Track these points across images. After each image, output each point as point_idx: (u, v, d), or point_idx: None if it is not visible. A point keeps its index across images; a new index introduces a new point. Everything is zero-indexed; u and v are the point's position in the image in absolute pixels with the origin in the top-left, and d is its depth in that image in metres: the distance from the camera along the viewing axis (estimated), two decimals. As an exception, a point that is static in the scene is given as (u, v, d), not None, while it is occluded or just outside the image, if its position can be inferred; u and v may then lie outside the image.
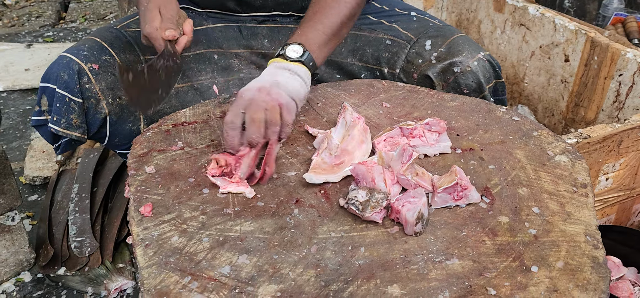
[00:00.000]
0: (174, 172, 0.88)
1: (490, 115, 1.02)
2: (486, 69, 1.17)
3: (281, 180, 0.86)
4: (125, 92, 0.97)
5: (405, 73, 1.22)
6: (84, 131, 1.09)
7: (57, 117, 1.08)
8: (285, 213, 0.79)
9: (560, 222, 0.76)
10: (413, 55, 1.21)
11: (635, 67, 1.57)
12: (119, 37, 1.16)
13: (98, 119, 1.10)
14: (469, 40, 1.19)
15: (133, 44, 1.16)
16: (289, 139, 0.96)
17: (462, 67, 1.15)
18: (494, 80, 1.19)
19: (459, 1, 2.32)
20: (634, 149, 1.30)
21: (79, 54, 1.08)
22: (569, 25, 1.79)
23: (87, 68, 1.07)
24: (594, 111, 1.75)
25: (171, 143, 0.95)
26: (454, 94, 1.12)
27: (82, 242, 1.48)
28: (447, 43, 1.18)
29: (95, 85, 1.08)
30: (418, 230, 0.74)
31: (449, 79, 1.16)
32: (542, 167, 0.87)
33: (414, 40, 1.22)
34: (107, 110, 1.10)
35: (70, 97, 1.06)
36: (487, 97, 1.18)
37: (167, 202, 0.81)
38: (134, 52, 1.14)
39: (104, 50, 1.11)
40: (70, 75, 1.07)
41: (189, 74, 1.20)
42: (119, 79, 0.96)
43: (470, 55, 1.16)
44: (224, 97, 1.09)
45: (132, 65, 1.11)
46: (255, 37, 1.27)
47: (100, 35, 1.15)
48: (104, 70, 1.09)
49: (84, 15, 3.47)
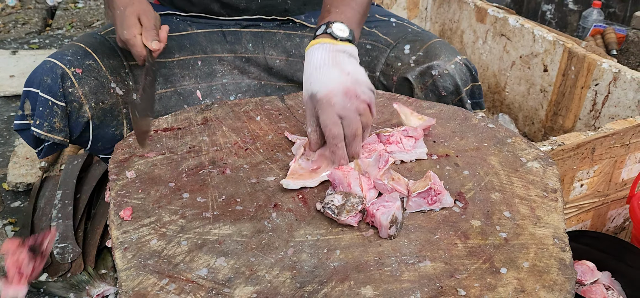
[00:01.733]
0: (154, 177, 0.89)
1: (466, 122, 1.05)
2: (463, 72, 1.20)
3: (260, 185, 0.87)
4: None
5: (384, 76, 1.25)
6: (67, 135, 1.10)
7: (40, 121, 1.08)
8: (264, 217, 0.80)
9: (530, 225, 0.79)
10: (392, 59, 1.24)
11: (610, 77, 1.61)
12: (103, 43, 1.17)
13: (80, 123, 1.11)
14: (446, 45, 1.22)
15: (116, 50, 1.17)
16: (268, 145, 0.98)
17: (439, 70, 1.18)
18: (470, 83, 1.22)
19: (443, 11, 2.36)
20: (608, 156, 1.33)
21: (62, 59, 1.10)
22: (548, 36, 1.83)
23: (71, 72, 1.08)
24: (572, 120, 1.79)
25: (152, 148, 0.96)
26: (432, 101, 1.15)
27: (65, 248, 1.48)
28: (425, 47, 1.21)
29: (78, 89, 1.09)
30: (392, 233, 0.76)
31: (427, 81, 1.19)
32: (514, 173, 0.90)
33: (393, 44, 1.25)
34: (90, 114, 1.11)
35: (53, 101, 1.07)
36: (464, 99, 1.21)
37: (147, 206, 0.82)
38: (117, 58, 1.16)
39: (88, 55, 1.12)
40: (53, 79, 1.08)
41: (173, 79, 1.21)
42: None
43: (447, 59, 1.19)
44: (206, 103, 1.11)
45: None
46: (239, 41, 1.29)
47: (84, 40, 1.16)
48: (87, 75, 1.10)
49: (71, 22, 3.47)
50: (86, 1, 3.86)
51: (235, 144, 0.98)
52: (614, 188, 1.42)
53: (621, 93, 1.59)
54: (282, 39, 1.30)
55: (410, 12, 2.38)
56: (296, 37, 1.30)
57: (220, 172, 0.90)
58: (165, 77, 1.20)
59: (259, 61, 1.30)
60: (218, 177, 0.89)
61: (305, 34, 1.30)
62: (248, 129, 1.03)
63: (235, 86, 1.28)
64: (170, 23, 1.27)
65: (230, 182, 0.88)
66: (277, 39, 1.30)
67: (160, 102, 1.20)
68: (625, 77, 1.57)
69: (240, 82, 1.29)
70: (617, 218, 1.51)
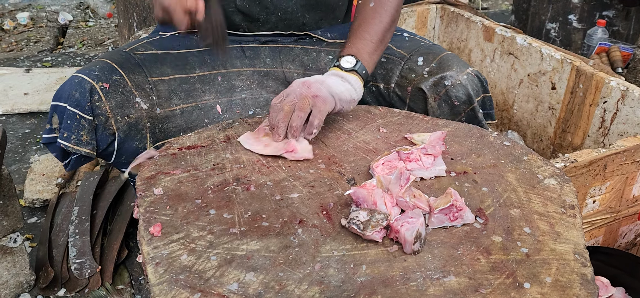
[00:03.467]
0: (181, 194, 0.91)
1: (482, 140, 1.07)
2: (475, 83, 1.24)
3: (284, 201, 0.90)
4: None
5: (399, 87, 1.29)
6: (94, 147, 1.13)
7: (67, 134, 1.11)
8: (289, 233, 0.83)
9: (550, 241, 0.81)
10: (406, 71, 1.28)
11: (618, 95, 1.64)
12: (128, 59, 1.21)
13: (106, 136, 1.14)
14: (457, 57, 1.26)
15: (141, 65, 1.21)
16: (290, 162, 1.00)
17: (452, 80, 1.21)
18: (482, 94, 1.26)
19: (450, 30, 2.40)
20: (619, 172, 1.35)
21: (90, 74, 1.13)
22: (555, 55, 1.86)
23: (98, 87, 1.12)
24: (581, 137, 1.81)
25: (177, 166, 0.99)
26: (445, 110, 1.18)
27: (82, 264, 1.50)
28: (438, 59, 1.26)
29: (105, 103, 1.12)
30: (416, 248, 0.78)
31: (440, 91, 1.23)
32: (532, 190, 0.92)
33: (406, 57, 1.30)
34: (115, 127, 1.14)
35: (81, 115, 1.10)
36: (476, 108, 1.25)
37: (176, 222, 0.85)
38: (141, 74, 1.19)
39: (114, 71, 1.16)
40: (82, 93, 1.11)
41: (194, 94, 1.25)
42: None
43: (459, 70, 1.23)
44: (227, 122, 1.13)
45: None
46: (257, 56, 1.33)
47: (110, 57, 1.20)
48: (114, 90, 1.13)
49: (82, 40, 3.52)
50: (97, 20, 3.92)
51: (257, 162, 1.01)
52: (625, 204, 1.44)
53: (629, 110, 1.62)
54: (299, 54, 1.34)
55: (418, 31, 2.42)
56: (313, 52, 1.33)
57: (245, 189, 0.93)
58: (186, 92, 1.23)
59: (277, 75, 1.33)
60: (243, 193, 0.92)
61: (322, 49, 1.34)
62: (269, 147, 1.05)
63: (253, 101, 1.31)
64: (191, 40, 1.30)
65: (255, 199, 0.90)
66: (294, 53, 1.34)
67: (182, 116, 1.23)
68: (633, 95, 1.60)
69: (258, 97, 1.32)
70: (629, 234, 1.53)
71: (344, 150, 1.04)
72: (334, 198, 0.90)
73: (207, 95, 1.26)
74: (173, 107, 1.21)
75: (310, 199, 0.90)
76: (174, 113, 1.20)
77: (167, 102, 1.20)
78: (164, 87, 1.21)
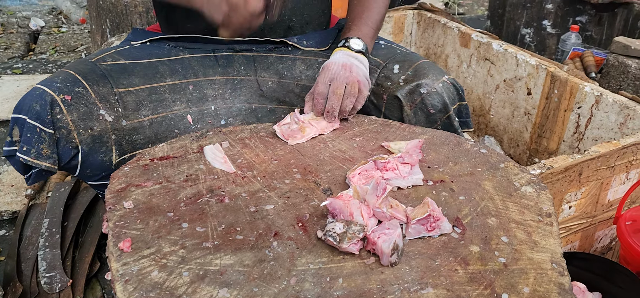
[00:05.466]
0: (152, 207, 0.88)
1: (459, 147, 1.07)
2: (450, 91, 1.23)
3: (259, 213, 0.88)
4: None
5: (375, 95, 1.28)
6: (54, 161, 1.09)
7: (27, 147, 1.08)
8: (264, 246, 0.80)
9: (528, 250, 0.80)
10: (382, 79, 1.28)
11: (593, 100, 1.66)
12: (94, 70, 1.17)
13: (69, 150, 1.10)
14: (433, 65, 1.26)
15: (107, 76, 1.17)
16: (265, 173, 0.98)
17: (428, 88, 1.21)
18: (457, 102, 1.26)
19: (427, 36, 2.40)
20: (594, 178, 1.36)
21: (52, 85, 1.09)
22: (531, 60, 1.88)
23: (60, 99, 1.08)
24: (556, 142, 1.83)
25: (149, 178, 0.96)
26: (421, 118, 1.18)
27: (53, 278, 1.45)
28: (414, 67, 1.25)
29: (66, 116, 1.08)
30: (394, 260, 0.77)
31: (416, 99, 1.22)
32: (509, 198, 0.92)
33: (382, 65, 1.29)
34: (78, 140, 1.11)
35: (41, 128, 1.07)
36: (452, 117, 1.24)
37: (146, 236, 0.82)
38: (107, 85, 1.16)
39: (77, 82, 1.12)
40: (42, 106, 1.07)
41: (164, 104, 1.21)
42: None
43: (435, 77, 1.22)
44: (201, 131, 1.11)
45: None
46: (231, 65, 1.30)
47: (74, 67, 1.16)
48: (76, 102, 1.10)
49: (54, 47, 3.44)
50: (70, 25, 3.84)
51: (232, 172, 0.98)
52: (600, 209, 1.45)
53: (603, 115, 1.63)
54: (274, 62, 1.32)
55: (395, 37, 2.42)
56: (288, 60, 1.32)
57: (219, 201, 0.90)
58: (156, 102, 1.20)
59: (251, 84, 1.31)
60: (217, 205, 0.89)
61: (297, 57, 1.32)
62: (244, 157, 1.03)
63: (226, 110, 1.29)
64: (162, 49, 1.27)
65: (229, 211, 0.88)
66: (269, 61, 1.32)
67: (151, 127, 1.20)
68: (607, 100, 1.62)
69: (231, 106, 1.29)
70: (604, 239, 1.54)
71: (320, 159, 1.03)
72: (310, 209, 0.89)
73: (178, 105, 1.23)
74: (141, 118, 1.18)
75: (285, 210, 0.88)
76: (142, 124, 1.17)
77: (135, 114, 1.17)
78: (131, 98, 1.17)
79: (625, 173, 1.42)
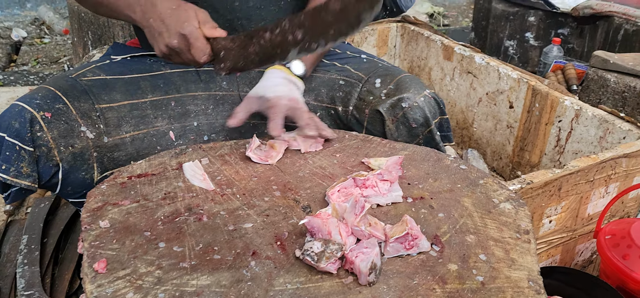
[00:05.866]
0: (129, 226, 0.87)
1: (439, 163, 1.07)
2: (432, 106, 1.24)
3: (238, 232, 0.87)
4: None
5: (357, 110, 1.28)
6: (35, 179, 1.08)
7: (6, 166, 1.06)
8: (242, 266, 0.80)
9: (506, 268, 0.80)
10: (364, 93, 1.27)
11: (573, 114, 1.67)
12: (74, 86, 1.16)
13: (49, 167, 1.09)
14: (415, 79, 1.26)
15: (88, 92, 1.16)
16: (245, 190, 0.98)
17: (409, 102, 1.21)
18: (439, 116, 1.26)
19: (411, 49, 2.42)
20: (574, 192, 1.37)
21: (31, 102, 1.08)
22: (512, 74, 1.90)
23: (40, 116, 1.07)
24: (538, 155, 1.85)
25: (126, 196, 0.95)
26: (403, 133, 1.18)
27: (31, 296, 1.43)
28: (395, 81, 1.25)
29: (47, 133, 1.07)
30: (371, 280, 0.76)
31: (397, 114, 1.22)
32: (488, 215, 0.92)
33: (364, 79, 1.29)
34: (59, 158, 1.09)
35: (20, 146, 1.05)
36: (433, 131, 1.25)
37: (122, 257, 0.81)
38: (88, 101, 1.15)
39: (58, 99, 1.11)
40: (21, 123, 1.06)
41: (146, 120, 1.20)
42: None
43: (417, 92, 1.23)
44: (180, 148, 1.10)
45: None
46: (213, 80, 1.30)
47: (55, 83, 1.14)
48: (57, 119, 1.08)
49: (36, 58, 3.41)
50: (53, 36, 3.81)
51: (211, 190, 0.98)
52: (580, 223, 1.46)
53: (583, 129, 1.65)
54: (256, 76, 1.32)
55: (379, 49, 2.43)
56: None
57: (197, 219, 0.90)
58: (137, 118, 1.19)
59: (233, 99, 1.30)
60: (195, 224, 0.89)
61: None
62: (224, 174, 1.03)
63: (209, 126, 1.28)
64: (144, 64, 1.26)
65: (207, 230, 0.87)
66: (251, 76, 1.32)
67: (133, 144, 1.18)
68: (586, 114, 1.64)
69: (213, 122, 1.29)
70: (585, 252, 1.55)
71: (300, 176, 1.02)
72: (289, 227, 0.88)
73: (160, 121, 1.22)
74: (123, 135, 1.17)
75: (264, 229, 0.88)
76: (124, 141, 1.16)
77: (116, 130, 1.16)
78: (113, 114, 1.16)
79: (604, 187, 1.43)
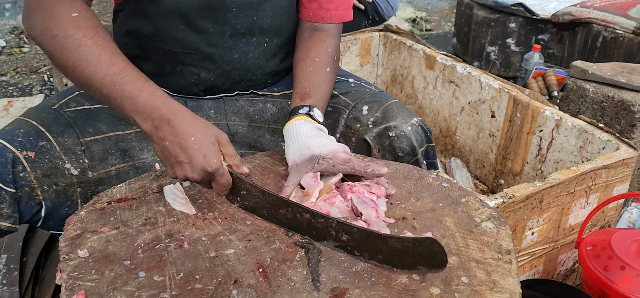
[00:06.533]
0: (108, 255, 0.86)
1: (421, 182, 1.07)
2: (419, 134, 1.23)
3: (219, 258, 0.86)
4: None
5: (344, 137, 1.27)
6: (15, 220, 1.04)
7: None
8: (224, 296, 0.79)
9: (487, 291, 0.81)
10: (351, 120, 1.26)
11: (553, 124, 1.69)
12: (57, 120, 1.11)
13: (32, 207, 1.05)
14: (402, 107, 1.25)
15: (72, 125, 1.12)
16: (226, 214, 0.97)
17: (397, 131, 1.20)
18: (425, 144, 1.25)
19: (394, 57, 2.43)
20: (555, 204, 1.39)
21: (13, 141, 1.03)
22: (493, 84, 1.91)
23: (23, 156, 1.03)
24: (520, 163, 1.86)
25: (106, 222, 0.93)
26: (387, 160, 1.18)
27: (10, 319, 1.40)
28: (383, 108, 1.24)
29: (30, 173, 1.03)
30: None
31: (384, 142, 1.22)
32: (469, 235, 0.92)
33: (351, 105, 1.27)
34: (42, 197, 1.06)
35: (1, 187, 1.01)
36: (420, 160, 1.24)
37: (101, 288, 0.80)
38: (72, 135, 1.11)
39: (41, 135, 1.07)
40: (3, 164, 1.01)
41: (131, 153, 1.17)
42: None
43: (404, 120, 1.22)
44: (161, 170, 1.09)
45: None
46: (200, 108, 1.27)
47: (37, 117, 1.10)
48: (41, 157, 1.05)
49: (16, 68, 3.36)
50: (32, 45, 3.76)
51: (192, 214, 0.97)
52: (562, 234, 1.48)
53: (564, 139, 1.67)
54: (244, 105, 1.30)
55: (362, 58, 2.43)
56: (259, 103, 1.30)
57: (178, 246, 0.89)
58: (122, 151, 1.16)
59: (221, 128, 1.29)
60: (175, 251, 0.88)
61: (267, 100, 1.31)
62: (205, 197, 1.02)
63: None
64: None
65: (189, 257, 0.86)
66: (239, 105, 1.29)
67: (118, 177, 1.16)
68: (566, 124, 1.65)
69: None
70: (568, 262, 1.57)
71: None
72: (271, 252, 0.88)
73: (145, 154, 1.19)
74: (108, 168, 1.13)
75: (246, 255, 0.87)
76: (109, 174, 1.13)
77: (101, 164, 1.13)
78: (98, 148, 1.13)
79: (585, 198, 1.45)
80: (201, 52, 1.19)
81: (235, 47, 1.21)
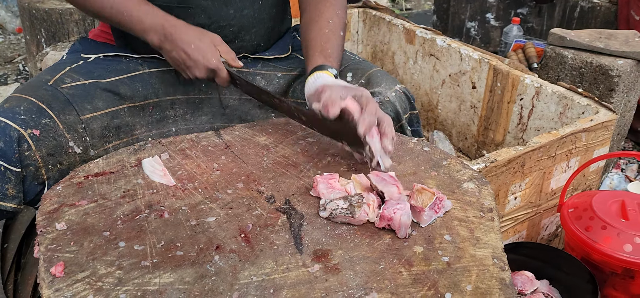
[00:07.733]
0: (87, 227, 0.84)
1: (402, 146, 1.07)
2: (402, 100, 1.23)
3: (200, 226, 0.85)
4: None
5: None
6: (20, 201, 1.01)
7: None
8: (206, 261, 0.78)
9: (470, 247, 0.81)
10: None
11: (533, 92, 1.70)
12: (56, 97, 1.08)
13: (35, 186, 1.03)
14: (386, 74, 1.25)
15: (71, 102, 1.09)
16: (207, 184, 0.96)
17: (381, 97, 1.20)
18: (409, 111, 1.25)
19: (373, 34, 2.42)
20: (537, 168, 1.40)
21: (15, 118, 1.00)
22: (473, 55, 1.91)
23: (28, 134, 1.00)
24: (502, 133, 1.87)
25: (84, 196, 0.91)
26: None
27: (-9, 305, 1.38)
28: (366, 75, 1.24)
29: (35, 152, 1.00)
30: (410, 232, 0.82)
31: None
32: (452, 195, 0.92)
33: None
34: (46, 177, 1.03)
35: (6, 167, 0.98)
36: (404, 126, 1.24)
37: (81, 259, 0.78)
38: (72, 112, 1.08)
39: (43, 112, 1.03)
40: (7, 143, 0.98)
41: (124, 129, 1.16)
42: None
43: (388, 87, 1.21)
44: (139, 144, 1.07)
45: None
46: (192, 82, 1.25)
47: (36, 94, 1.06)
48: (45, 135, 1.02)
49: (-11, 59, 3.28)
50: (6, 35, 3.68)
51: (172, 185, 0.95)
52: (544, 198, 1.49)
53: (544, 106, 1.68)
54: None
55: (342, 35, 2.42)
56: (248, 76, 1.28)
57: (158, 216, 0.87)
58: (117, 127, 1.14)
59: (212, 102, 1.27)
60: (156, 221, 0.86)
61: (257, 72, 1.29)
62: (185, 168, 1.00)
63: (187, 131, 1.24)
64: (120, 64, 1.20)
65: (169, 226, 0.85)
66: None
67: None
68: (546, 91, 1.66)
69: (192, 128, 1.25)
70: (550, 226, 1.58)
71: (263, 166, 1.01)
72: (253, 219, 0.87)
73: (138, 129, 1.17)
74: (107, 146, 1.11)
75: (227, 222, 0.86)
76: (108, 152, 1.10)
77: (101, 141, 1.10)
78: (97, 125, 1.10)
79: (565, 161, 1.46)
80: (197, 5, 1.17)
81: (231, 1, 1.20)
